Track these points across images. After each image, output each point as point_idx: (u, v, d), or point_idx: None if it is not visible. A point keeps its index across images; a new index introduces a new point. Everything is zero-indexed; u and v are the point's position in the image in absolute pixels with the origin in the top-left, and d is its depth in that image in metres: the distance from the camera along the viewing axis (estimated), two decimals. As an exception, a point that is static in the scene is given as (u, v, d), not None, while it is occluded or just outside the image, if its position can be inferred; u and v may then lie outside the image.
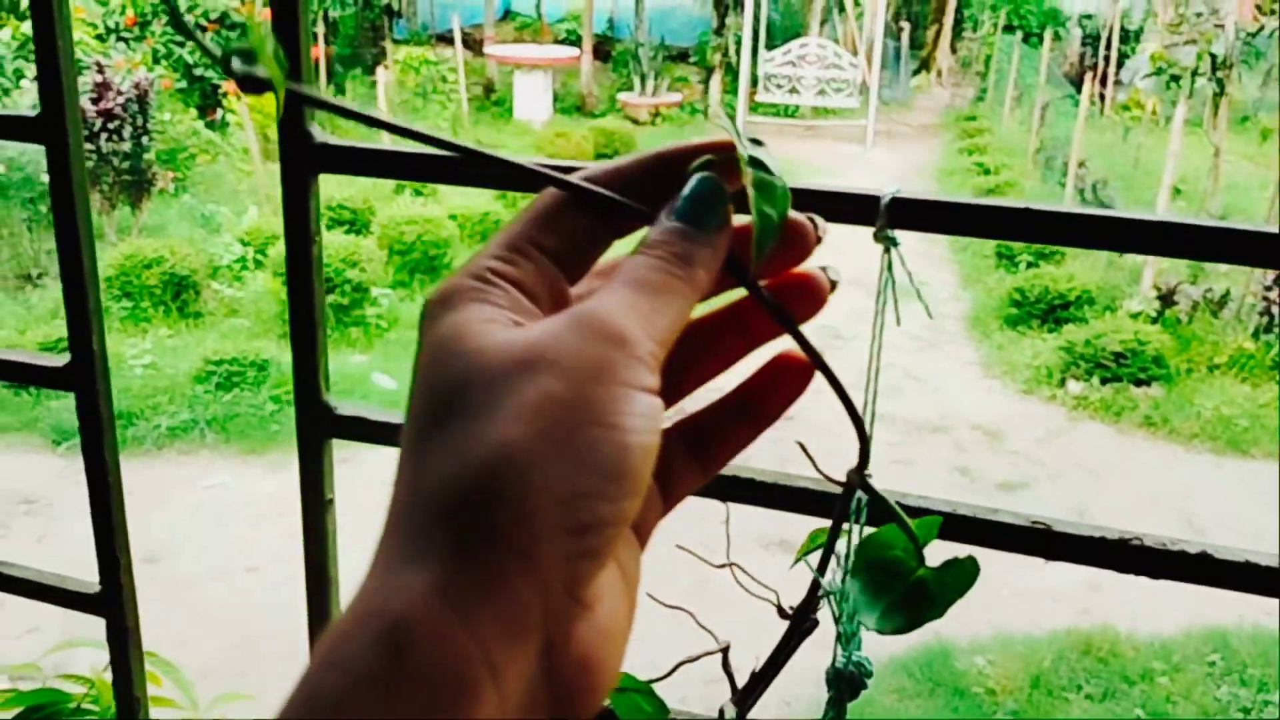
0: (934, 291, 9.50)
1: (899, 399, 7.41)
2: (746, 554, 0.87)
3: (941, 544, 0.80)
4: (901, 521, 0.55)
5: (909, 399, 7.48)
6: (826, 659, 0.72)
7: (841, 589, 0.69)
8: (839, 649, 0.69)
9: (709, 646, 0.84)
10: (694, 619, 0.84)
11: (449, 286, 0.40)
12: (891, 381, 7.59)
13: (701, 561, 0.82)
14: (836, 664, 0.68)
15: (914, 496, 0.67)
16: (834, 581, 0.70)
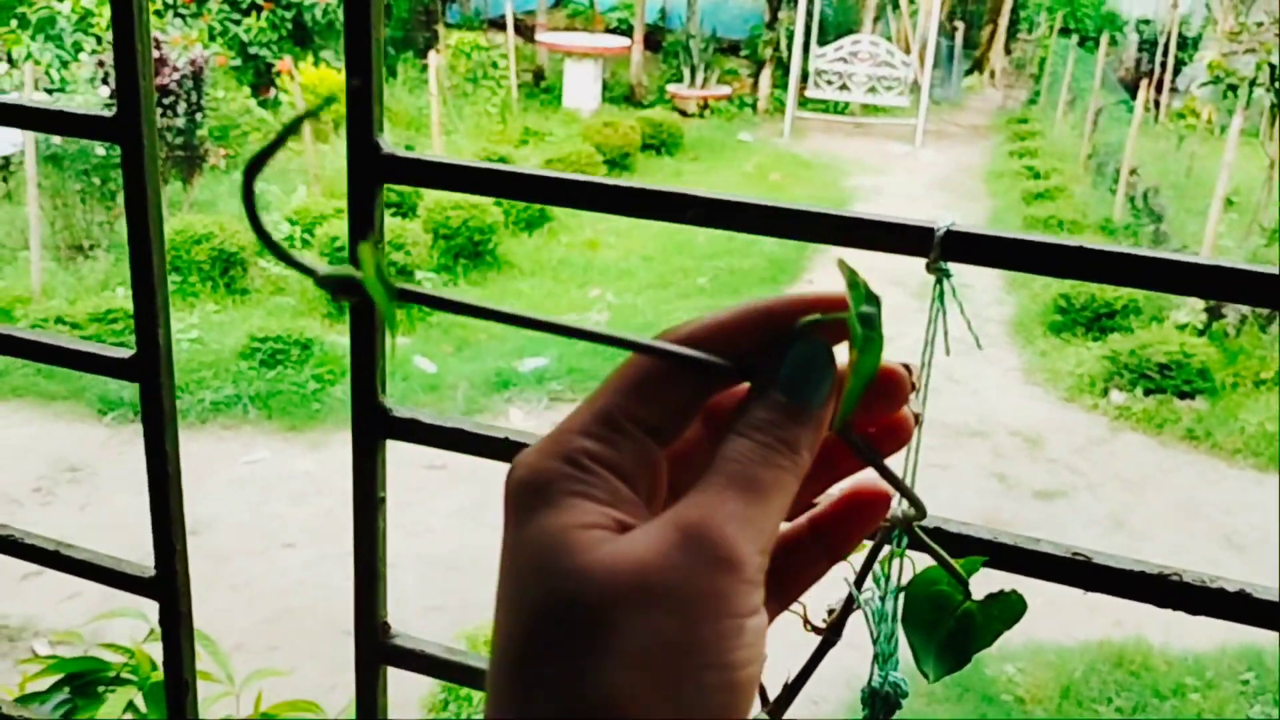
0: (978, 295, 9.44)
1: (938, 402, 7.38)
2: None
3: (981, 571, 0.81)
4: (949, 566, 0.55)
5: (948, 402, 7.45)
6: (856, 659, 0.74)
7: (880, 609, 0.70)
8: (875, 668, 0.70)
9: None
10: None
11: (541, 470, 0.37)
12: (933, 384, 7.44)
13: None
14: (873, 683, 0.69)
15: (955, 523, 0.69)
16: (873, 600, 0.71)
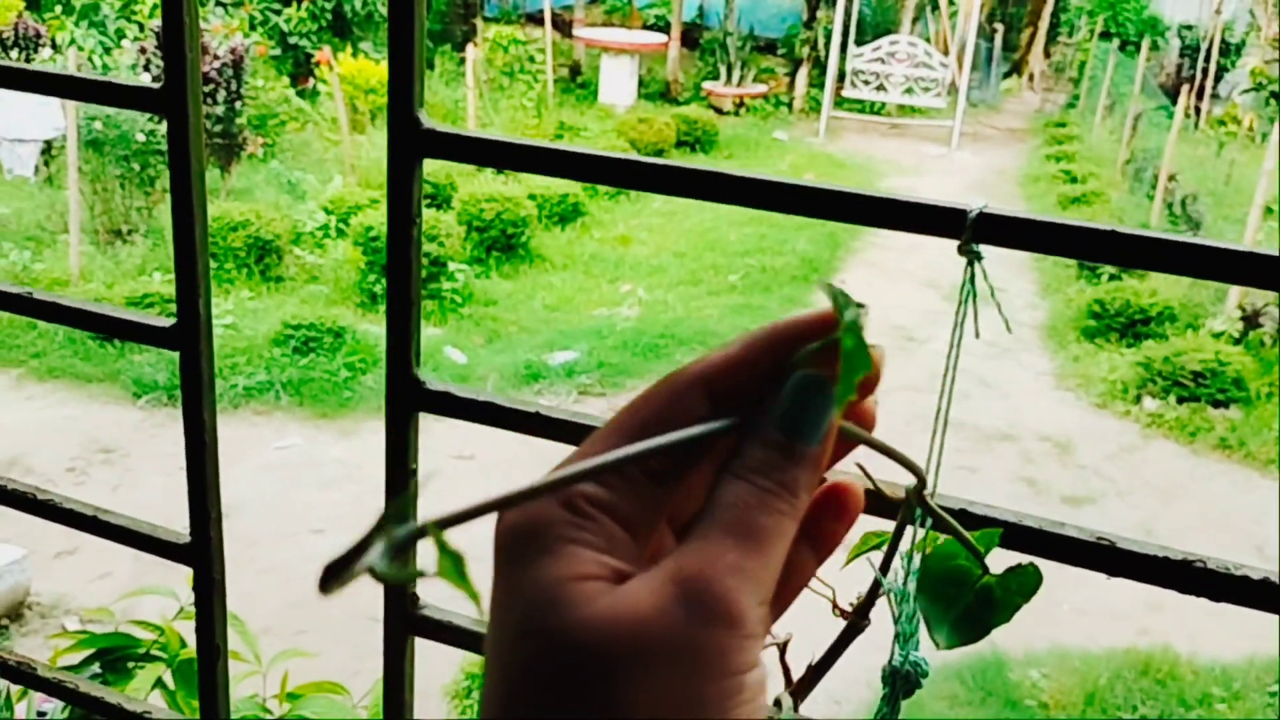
0: (1011, 299, 9.39)
1: (968, 405, 7.34)
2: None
3: (1004, 553, 0.82)
4: (961, 537, 0.56)
5: (978, 406, 7.41)
6: (878, 660, 0.74)
7: (902, 590, 0.71)
8: (896, 648, 0.70)
9: (784, 661, 0.87)
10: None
11: (537, 514, 0.36)
12: (962, 387, 7.50)
13: None
14: (894, 662, 0.69)
15: (981, 505, 0.69)
16: (895, 581, 0.71)
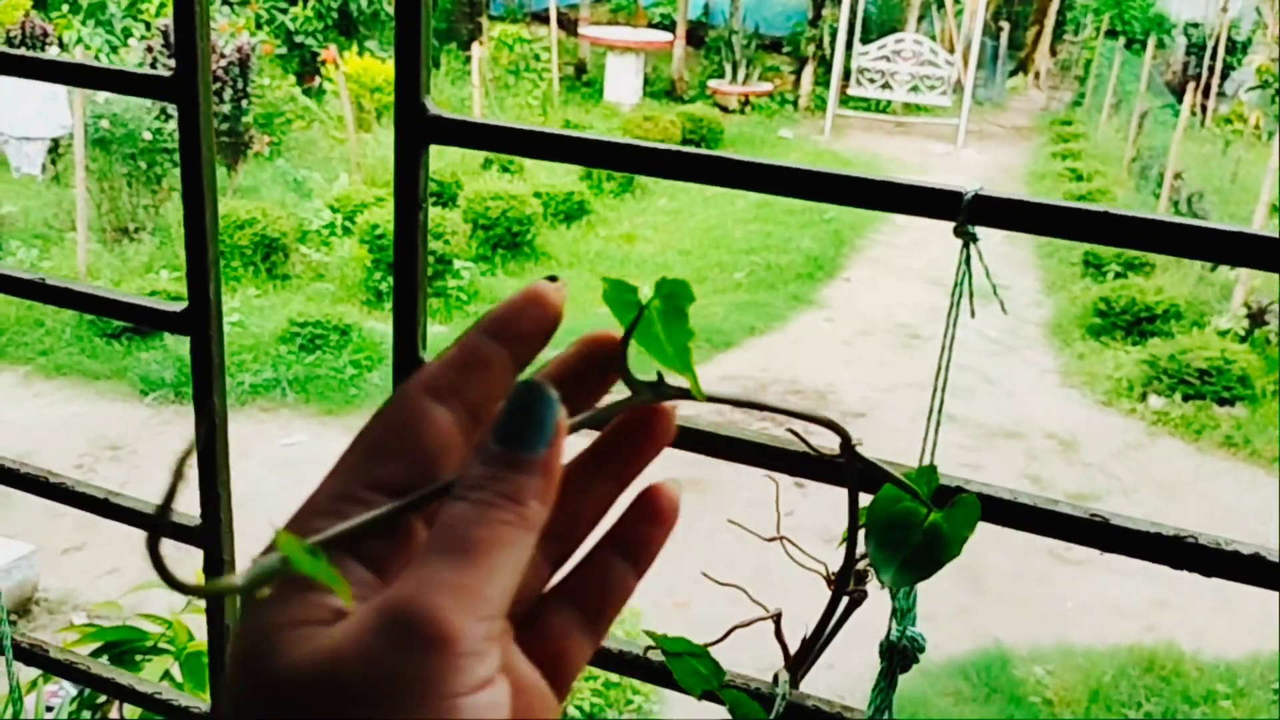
0: (1016, 296, 9.39)
1: (973, 402, 7.35)
2: (811, 548, 0.90)
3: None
4: (897, 480, 0.58)
5: (983, 403, 7.41)
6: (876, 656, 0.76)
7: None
8: (893, 623, 0.72)
9: (765, 625, 0.88)
10: (747, 595, 0.88)
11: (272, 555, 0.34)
12: (966, 384, 7.53)
13: (754, 536, 0.86)
14: (890, 637, 0.71)
15: (976, 483, 0.70)
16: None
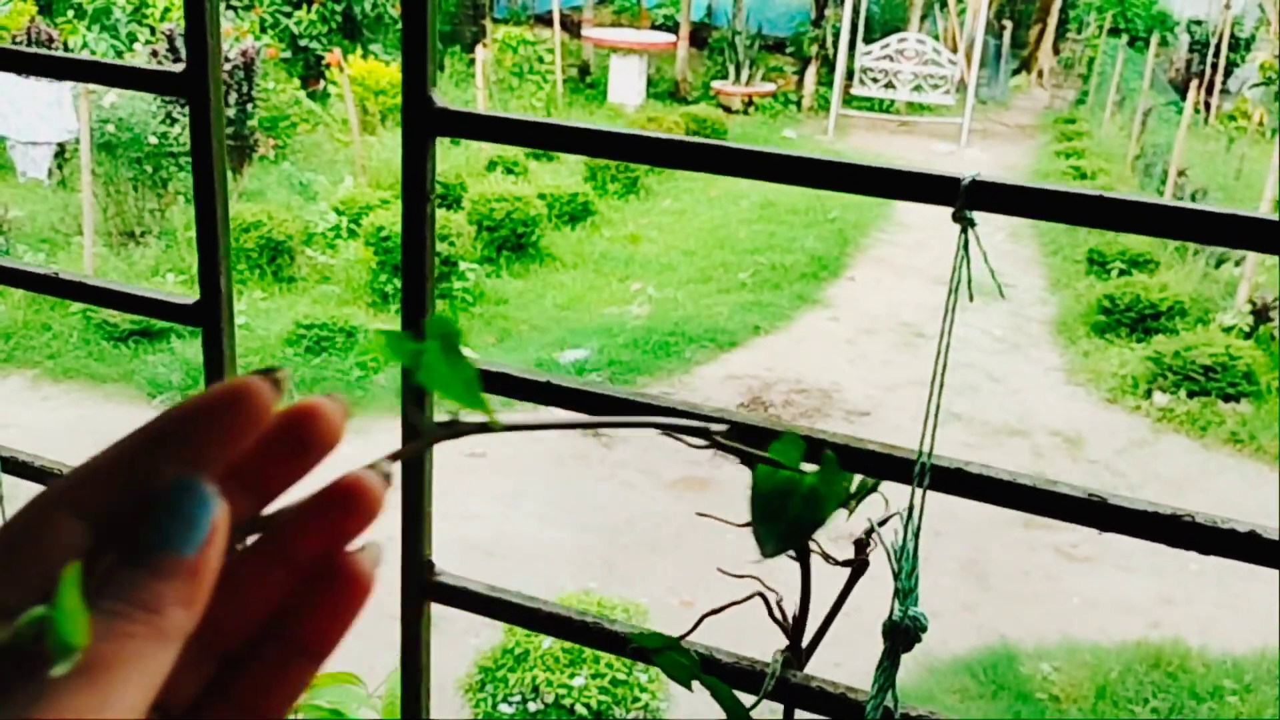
0: (1020, 294, 9.39)
1: (977, 400, 7.35)
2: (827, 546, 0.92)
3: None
4: (758, 456, 0.63)
5: (988, 400, 7.42)
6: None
7: (902, 546, 0.74)
8: (896, 603, 0.73)
9: (782, 612, 0.89)
10: (761, 583, 0.89)
11: None
12: (971, 382, 7.53)
13: (723, 523, 0.87)
14: (893, 617, 0.72)
15: (976, 465, 0.71)
16: (896, 541, 0.74)
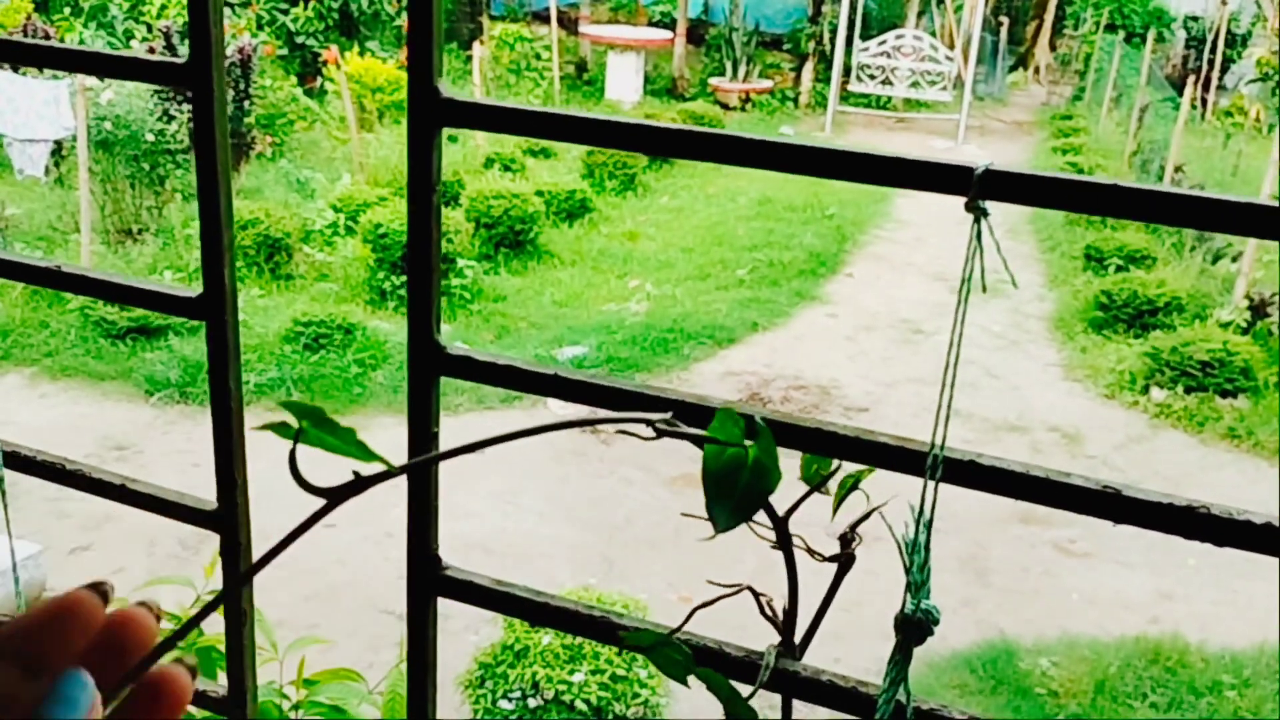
0: (1019, 291, 9.39)
1: (977, 396, 7.35)
2: (815, 541, 0.91)
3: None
4: (700, 437, 0.67)
5: (987, 397, 7.42)
6: (886, 647, 0.76)
7: (913, 540, 0.73)
8: (908, 596, 0.72)
9: (773, 610, 0.89)
10: (752, 591, 0.88)
11: None
12: (970, 379, 7.53)
13: (702, 519, 0.87)
14: (905, 610, 0.71)
15: (989, 457, 0.71)
16: (907, 534, 0.73)
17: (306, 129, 11.57)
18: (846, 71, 15.99)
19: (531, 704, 3.97)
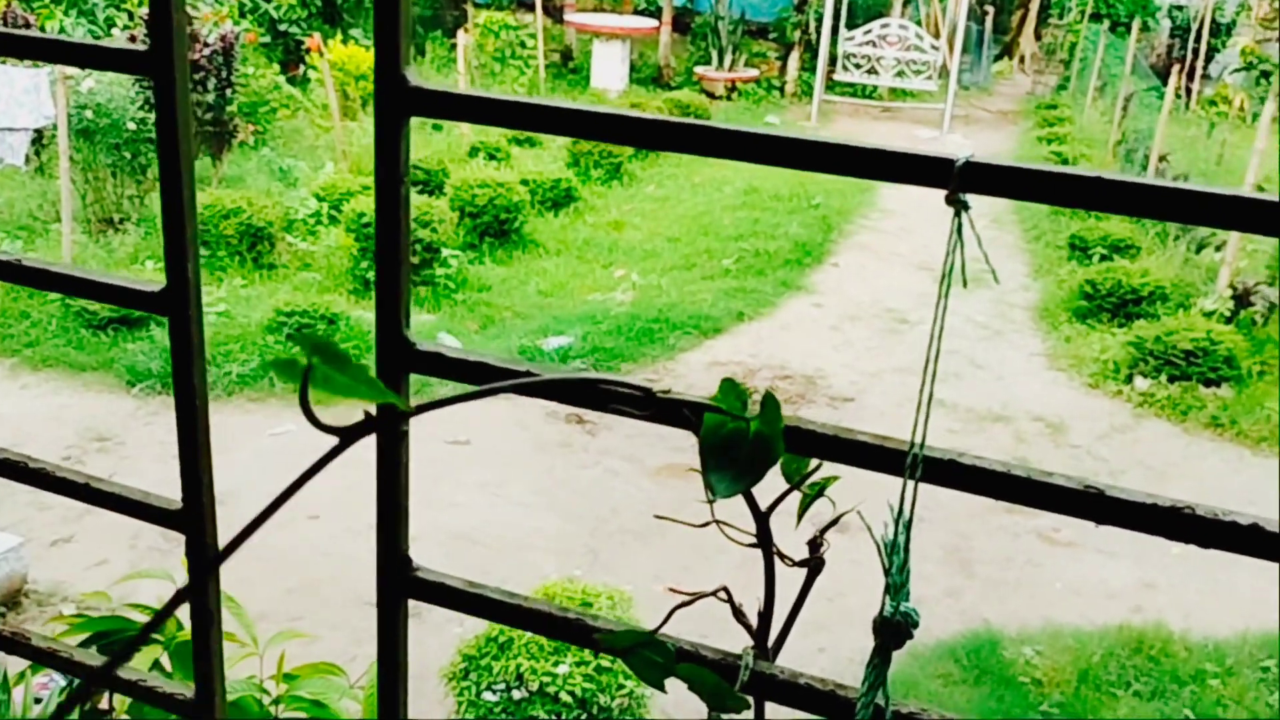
0: (1004, 281, 9.39)
1: (960, 387, 7.36)
2: (803, 532, 0.90)
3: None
4: (704, 405, 0.68)
5: (971, 387, 7.42)
6: (865, 641, 0.75)
7: (892, 541, 0.71)
8: (887, 599, 0.71)
9: (736, 613, 0.87)
10: (728, 594, 0.87)
11: None
12: (954, 368, 7.53)
13: (684, 525, 0.85)
14: (884, 613, 0.70)
15: (970, 455, 0.69)
16: (886, 534, 0.72)
17: (289, 117, 11.50)
18: (832, 60, 15.97)
19: (516, 696, 3.96)
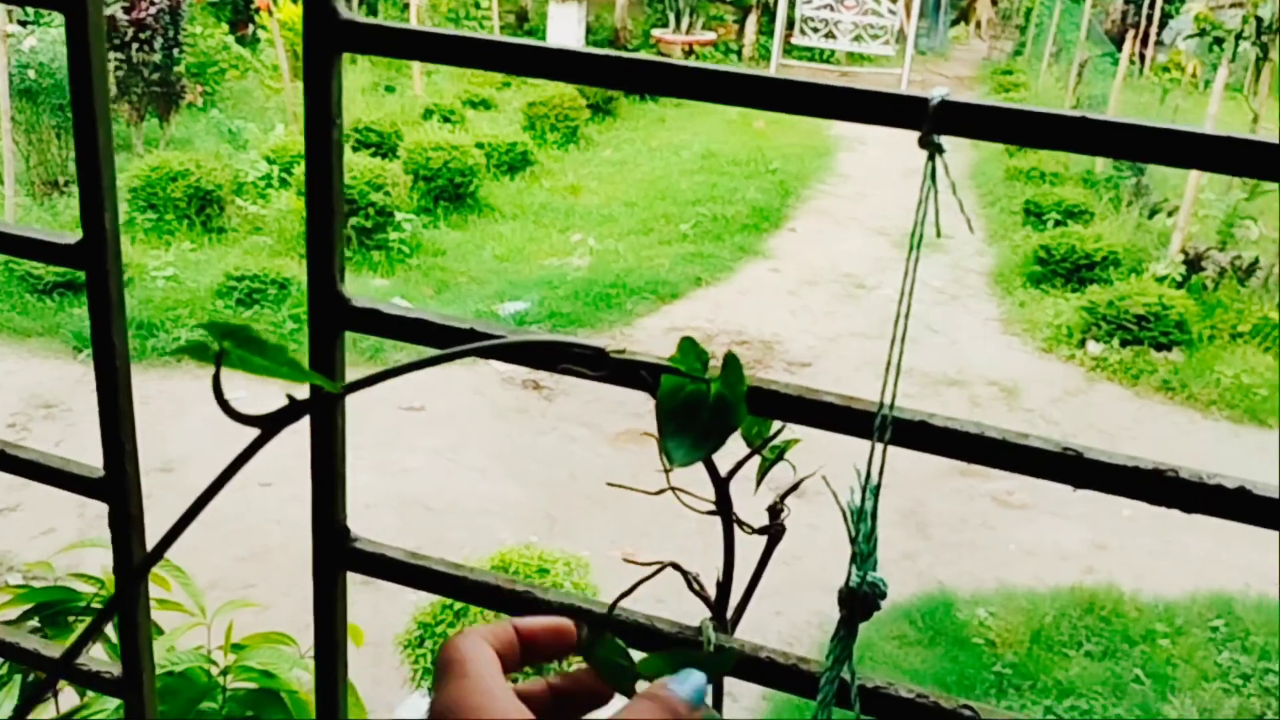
0: (959, 246, 9.41)
1: (916, 351, 7.37)
2: (762, 498, 0.86)
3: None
4: (664, 367, 0.67)
5: (926, 351, 7.44)
6: (827, 604, 0.71)
7: (859, 509, 0.68)
8: (853, 568, 0.67)
9: (692, 586, 0.84)
10: (679, 567, 0.83)
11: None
12: (911, 333, 7.44)
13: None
14: (850, 584, 0.66)
15: (940, 418, 0.65)
16: (853, 501, 0.68)
17: (238, 78, 11.27)
18: (790, 24, 15.90)
19: (471, 663, 3.92)
